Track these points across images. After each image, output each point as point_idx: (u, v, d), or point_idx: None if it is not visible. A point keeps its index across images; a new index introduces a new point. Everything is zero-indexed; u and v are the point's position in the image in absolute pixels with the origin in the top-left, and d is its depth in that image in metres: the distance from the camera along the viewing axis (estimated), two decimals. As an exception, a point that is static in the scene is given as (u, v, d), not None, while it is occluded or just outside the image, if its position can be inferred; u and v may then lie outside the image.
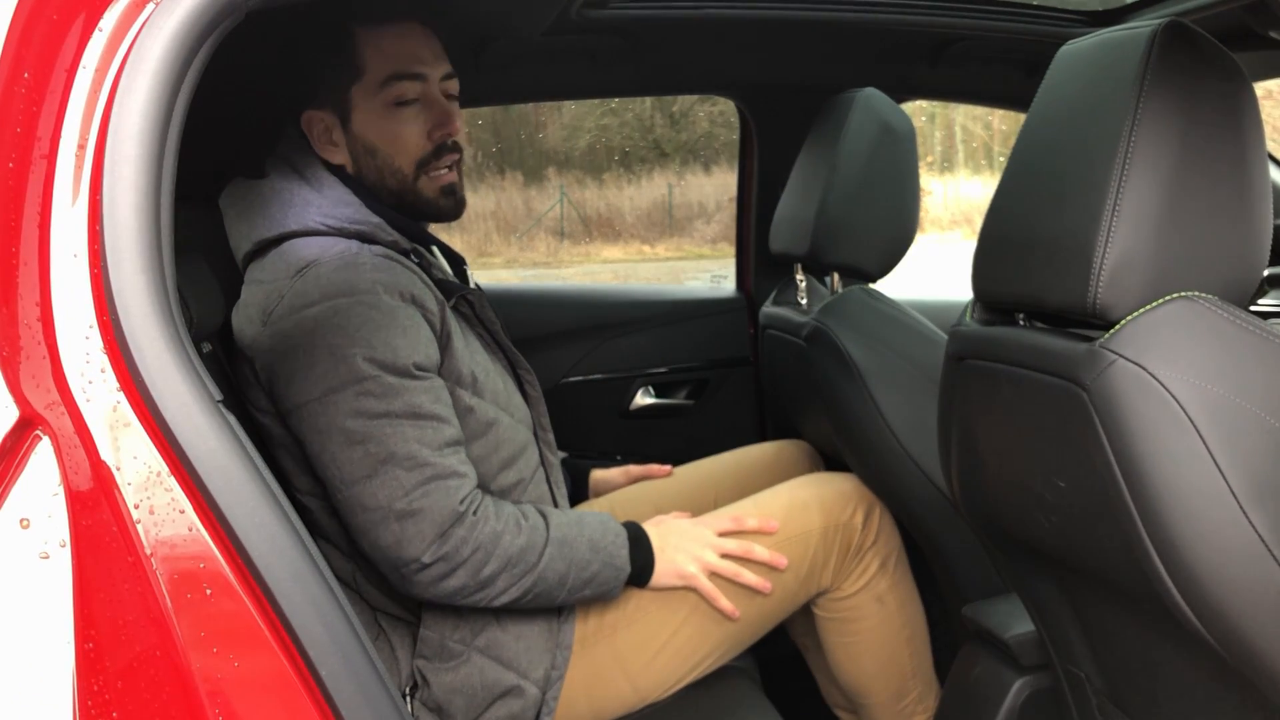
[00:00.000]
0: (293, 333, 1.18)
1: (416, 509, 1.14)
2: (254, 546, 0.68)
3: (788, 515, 1.42)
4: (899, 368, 1.60)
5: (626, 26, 1.83)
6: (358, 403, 1.14)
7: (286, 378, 1.17)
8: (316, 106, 1.31)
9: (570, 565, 1.24)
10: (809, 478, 1.53)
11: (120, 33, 0.72)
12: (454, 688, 1.25)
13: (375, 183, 1.32)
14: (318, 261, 1.21)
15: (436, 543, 1.15)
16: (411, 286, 1.21)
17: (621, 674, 1.34)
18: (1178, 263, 0.86)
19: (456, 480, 1.17)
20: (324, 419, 1.15)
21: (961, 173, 21.97)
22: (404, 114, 1.29)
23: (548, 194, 19.45)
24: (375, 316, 1.16)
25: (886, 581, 1.48)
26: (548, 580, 1.22)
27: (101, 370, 0.69)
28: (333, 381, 1.15)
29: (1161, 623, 0.93)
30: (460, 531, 1.16)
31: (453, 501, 1.16)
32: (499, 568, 1.19)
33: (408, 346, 1.17)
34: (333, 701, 0.68)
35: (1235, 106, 0.87)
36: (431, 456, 1.16)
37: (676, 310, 2.29)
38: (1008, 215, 1.02)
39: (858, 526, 1.45)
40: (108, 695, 0.66)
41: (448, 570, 1.16)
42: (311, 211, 1.25)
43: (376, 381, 1.15)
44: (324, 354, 1.15)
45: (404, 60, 1.29)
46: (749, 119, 2.20)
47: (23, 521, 0.67)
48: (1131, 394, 0.84)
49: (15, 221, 0.69)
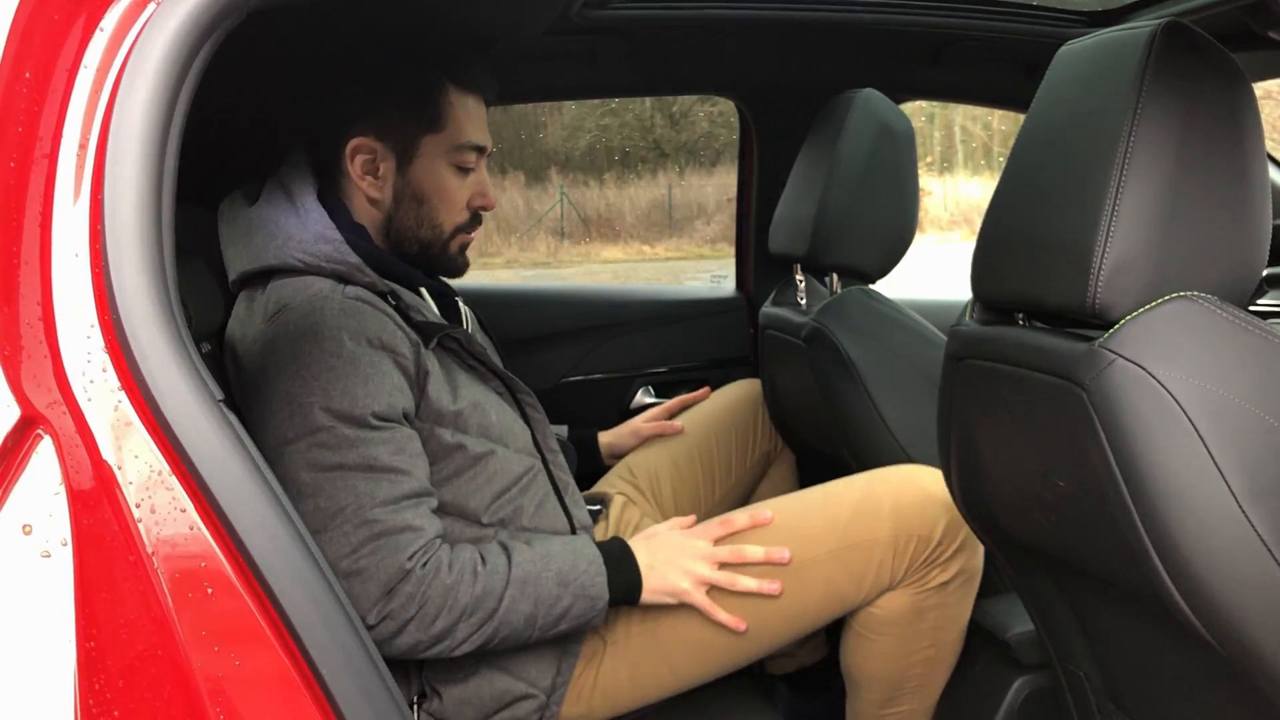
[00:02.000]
0: (257, 378, 1.18)
1: (360, 568, 1.11)
2: (255, 545, 0.68)
3: (854, 517, 1.34)
4: (898, 368, 1.61)
5: (627, 27, 1.83)
6: (310, 454, 1.12)
7: (256, 421, 1.16)
8: (372, 137, 1.30)
9: (537, 604, 1.19)
10: (891, 471, 1.41)
11: (121, 33, 0.72)
12: (463, 699, 1.25)
13: (407, 228, 1.34)
14: (289, 307, 1.20)
15: (381, 602, 1.12)
16: (380, 331, 1.19)
17: (668, 670, 1.33)
18: (1177, 262, 0.86)
19: (410, 535, 1.14)
20: (279, 469, 1.13)
21: (961, 173, 21.97)
22: (460, 179, 1.35)
23: (548, 194, 19.46)
24: (336, 365, 1.15)
25: (937, 598, 1.37)
26: (512, 624, 1.18)
27: (103, 370, 0.69)
28: (288, 432, 1.13)
29: (1161, 622, 0.93)
30: (406, 589, 1.12)
31: (400, 559, 1.13)
32: (453, 621, 1.15)
33: (367, 395, 1.15)
34: (333, 699, 0.68)
35: (1234, 107, 0.87)
36: (380, 514, 1.13)
37: (676, 310, 2.29)
38: (1007, 215, 1.02)
39: (934, 539, 1.33)
40: (109, 694, 0.67)
41: (396, 629, 1.13)
42: (291, 246, 1.24)
43: (331, 433, 1.12)
44: (282, 402, 1.14)
45: (479, 131, 1.35)
46: (749, 119, 2.20)
47: (24, 521, 0.67)
48: (1130, 393, 0.84)
49: (17, 221, 0.70)
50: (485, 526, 1.27)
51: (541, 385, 2.03)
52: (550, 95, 2.18)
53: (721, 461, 1.77)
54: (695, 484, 1.73)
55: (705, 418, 1.80)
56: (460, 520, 1.26)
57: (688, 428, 1.77)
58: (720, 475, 1.76)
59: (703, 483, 1.74)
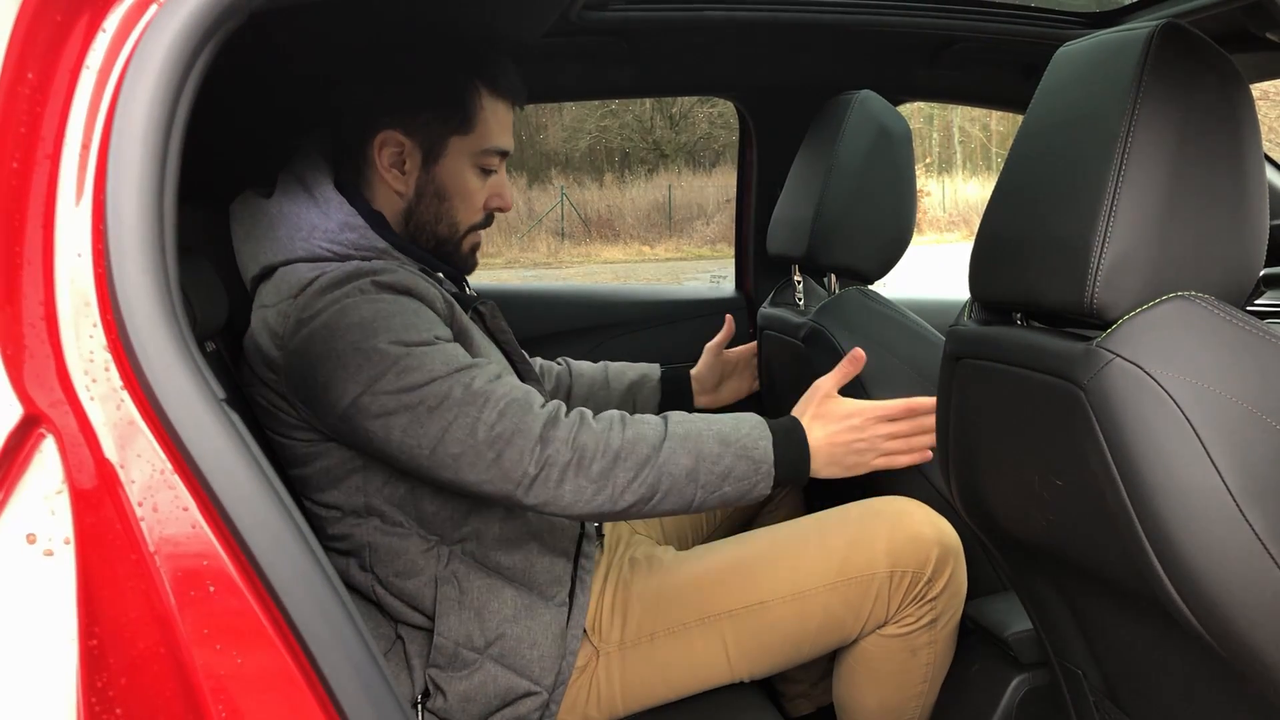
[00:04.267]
0: (310, 347, 1.19)
1: (503, 431, 1.15)
2: (257, 544, 0.68)
3: (851, 550, 1.36)
4: (896, 368, 1.61)
5: (626, 28, 1.83)
6: (402, 379, 1.16)
7: (324, 386, 1.18)
8: (401, 131, 1.32)
9: (698, 459, 1.20)
10: (883, 504, 1.42)
11: (124, 34, 0.72)
12: (467, 696, 1.25)
13: (425, 222, 1.36)
14: (317, 278, 1.23)
15: (537, 448, 1.15)
16: (414, 285, 1.23)
17: (661, 681, 1.35)
18: (1175, 262, 0.87)
19: (524, 394, 1.18)
20: (376, 405, 1.16)
21: (959, 174, 21.98)
22: (482, 180, 1.38)
23: (549, 195, 19.46)
24: (383, 306, 1.19)
25: (928, 636, 1.40)
26: (673, 474, 1.19)
27: (105, 369, 0.69)
28: (371, 371, 1.16)
29: (1159, 621, 0.94)
30: (557, 433, 1.16)
31: (533, 410, 1.17)
32: (609, 463, 1.17)
33: (424, 325, 1.20)
34: (335, 698, 0.68)
35: (1232, 108, 0.88)
36: (492, 387, 1.17)
37: (676, 310, 2.29)
38: (1005, 215, 1.02)
39: (925, 575, 1.37)
40: (111, 692, 0.67)
41: (558, 476, 1.15)
42: (317, 237, 1.26)
43: (410, 357, 1.16)
44: (350, 352, 1.16)
45: (505, 136, 1.38)
46: (748, 120, 2.20)
47: (27, 519, 0.67)
48: (1128, 393, 0.84)
49: (20, 221, 0.70)
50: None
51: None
52: (550, 97, 2.19)
53: None
54: None
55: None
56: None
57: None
58: None
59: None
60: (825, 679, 1.65)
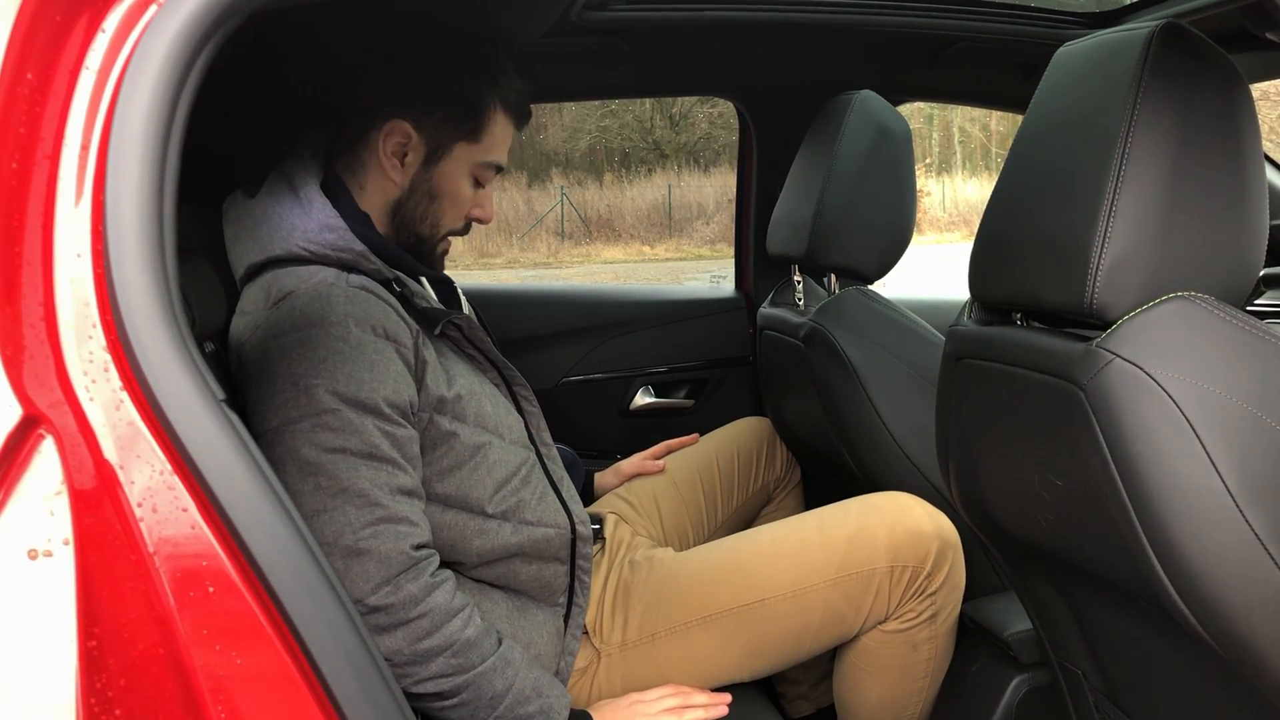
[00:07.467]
0: (261, 361, 1.17)
1: (365, 548, 1.09)
2: (256, 544, 0.68)
3: (851, 546, 1.37)
4: (896, 368, 1.61)
5: (626, 28, 1.83)
6: (315, 435, 1.11)
7: (252, 405, 1.16)
8: (411, 125, 1.32)
9: (509, 690, 1.17)
10: (883, 500, 1.43)
11: (123, 34, 0.72)
12: None
13: (411, 219, 1.36)
14: (294, 293, 1.20)
15: (386, 588, 1.10)
16: (385, 320, 1.20)
17: (663, 682, 1.34)
18: (1174, 263, 0.87)
19: (407, 527, 1.13)
20: (280, 448, 1.12)
21: (959, 174, 21.98)
22: (473, 190, 1.38)
23: (549, 195, 19.46)
24: (343, 350, 1.15)
25: (929, 631, 1.41)
26: (481, 689, 1.15)
27: (105, 369, 0.69)
28: (292, 412, 1.12)
29: (1158, 620, 0.94)
30: (412, 587, 1.11)
31: (403, 546, 1.11)
32: (440, 645, 1.12)
33: (373, 381, 1.15)
34: (334, 698, 0.68)
35: (1231, 108, 0.88)
36: (384, 498, 1.12)
37: (676, 310, 2.29)
38: (1005, 216, 1.02)
39: (926, 570, 1.38)
40: (110, 693, 0.67)
41: (389, 624, 1.10)
42: (296, 236, 1.25)
43: (336, 415, 1.12)
44: (286, 383, 1.13)
45: (503, 153, 1.39)
46: (748, 120, 2.20)
47: (26, 520, 0.67)
48: (1128, 393, 0.84)
49: (19, 221, 0.70)
50: (490, 518, 1.27)
51: (541, 385, 2.03)
52: (550, 97, 2.19)
53: (724, 488, 1.78)
54: (697, 507, 1.75)
55: (711, 444, 1.82)
56: (465, 512, 1.25)
57: (693, 452, 1.80)
58: (722, 501, 1.78)
59: (704, 506, 1.76)
60: (825, 680, 1.65)
